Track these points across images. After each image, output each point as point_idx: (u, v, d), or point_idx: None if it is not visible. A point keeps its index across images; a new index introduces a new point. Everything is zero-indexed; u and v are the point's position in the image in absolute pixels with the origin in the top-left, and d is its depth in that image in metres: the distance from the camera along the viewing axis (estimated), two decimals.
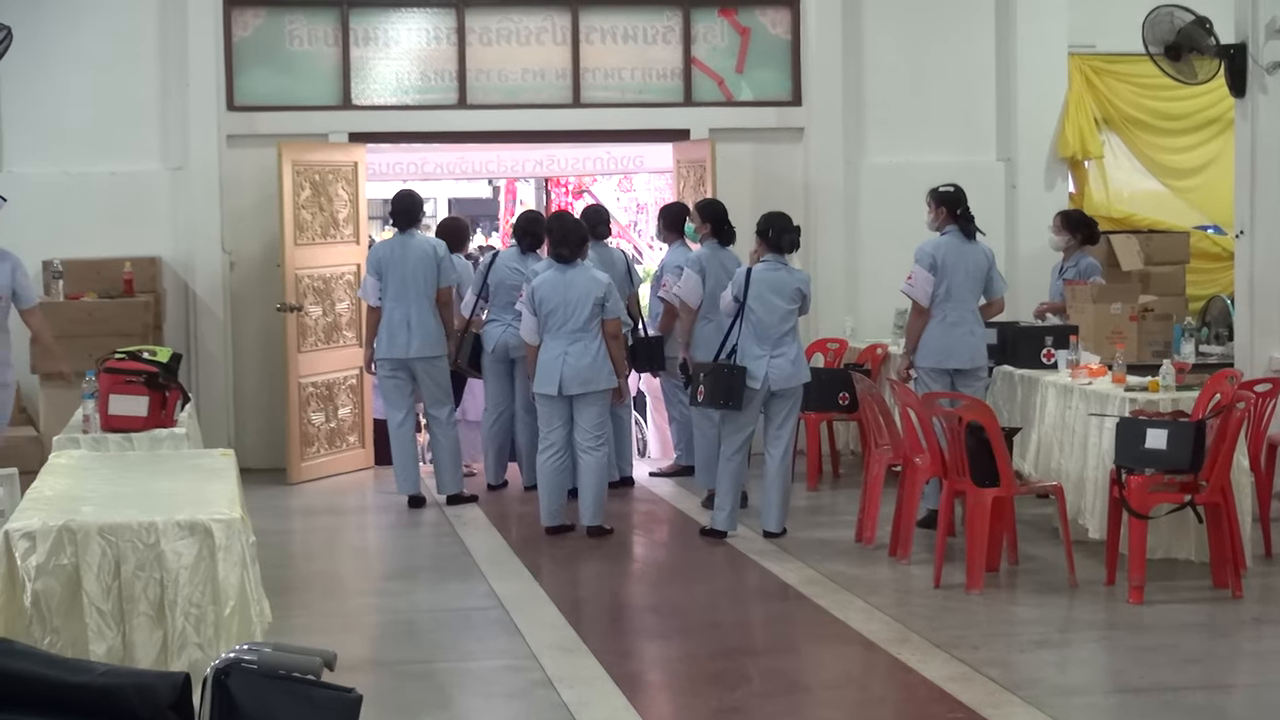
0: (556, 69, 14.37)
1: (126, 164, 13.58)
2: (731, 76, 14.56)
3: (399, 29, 14.18)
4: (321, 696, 3.79)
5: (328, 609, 9.43)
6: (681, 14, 14.44)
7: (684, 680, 8.13)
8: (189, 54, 13.58)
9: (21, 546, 6.13)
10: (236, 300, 13.78)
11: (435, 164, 16.47)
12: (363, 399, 13.86)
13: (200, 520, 6.24)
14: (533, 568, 10.28)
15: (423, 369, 12.12)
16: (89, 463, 7.78)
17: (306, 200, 13.32)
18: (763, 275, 10.70)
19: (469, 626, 9.04)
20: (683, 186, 14.29)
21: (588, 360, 10.98)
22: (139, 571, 6.20)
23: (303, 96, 14.06)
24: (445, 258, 12.11)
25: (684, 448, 13.18)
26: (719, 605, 9.60)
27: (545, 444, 11.22)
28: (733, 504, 10.89)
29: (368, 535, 11.97)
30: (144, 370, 8.85)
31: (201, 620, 6.22)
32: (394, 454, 12.31)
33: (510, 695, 7.76)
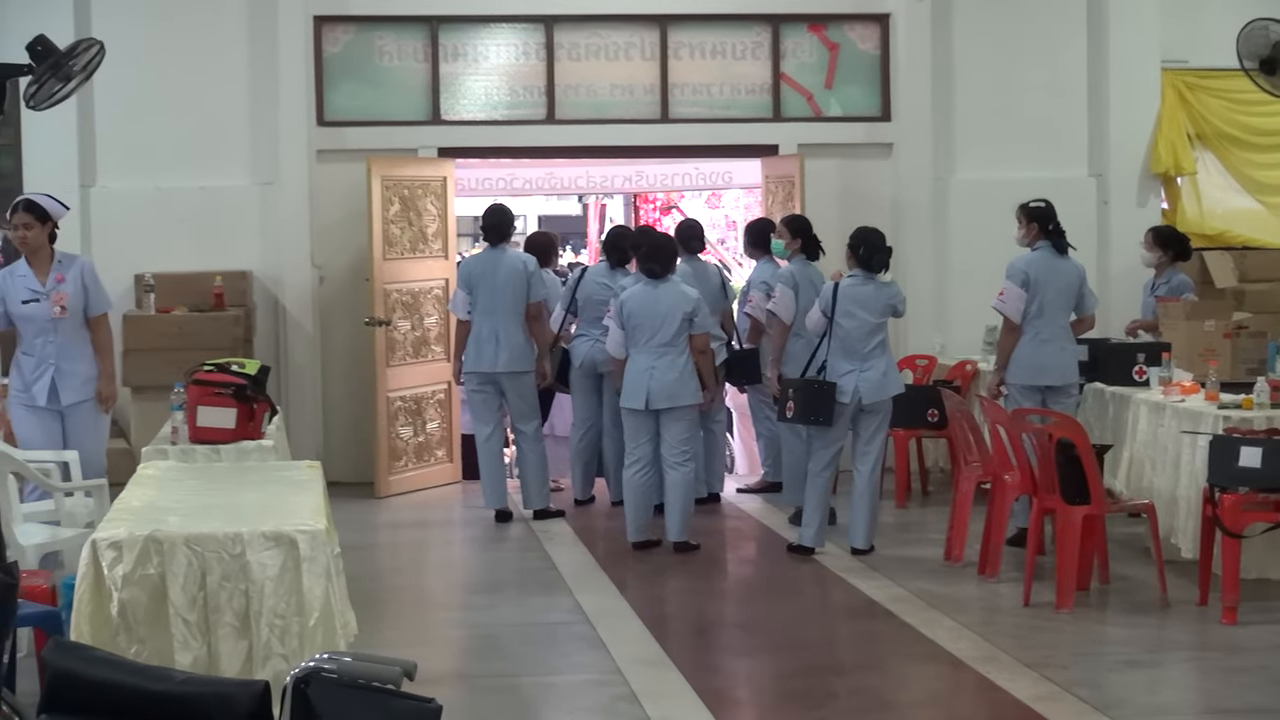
0: (645, 84, 14.35)
1: (217, 179, 13.66)
2: (820, 92, 14.50)
3: (488, 44, 14.20)
4: (401, 706, 3.79)
5: (414, 622, 9.42)
6: (770, 29, 14.40)
7: (770, 697, 8.08)
8: (279, 70, 13.65)
9: (108, 556, 6.17)
10: (325, 314, 13.83)
11: (524, 179, 16.50)
12: (450, 413, 13.88)
13: (285, 532, 6.26)
14: (619, 583, 10.25)
15: (510, 384, 12.13)
16: (176, 474, 7.81)
17: (395, 215, 13.36)
18: (850, 290, 10.63)
19: (554, 641, 9.01)
20: (771, 202, 14.24)
21: (675, 375, 10.95)
22: (224, 582, 6.22)
23: (392, 112, 14.10)
24: (535, 273, 12.11)
25: (771, 464, 13.12)
26: (805, 622, 9.53)
27: (632, 459, 11.20)
28: (820, 520, 10.81)
29: (454, 549, 11.96)
30: (232, 382, 8.90)
31: (286, 631, 6.23)
32: (481, 468, 12.31)
33: (595, 710, 7.73)
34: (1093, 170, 14.65)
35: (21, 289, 9.97)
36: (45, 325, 9.97)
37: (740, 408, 13.68)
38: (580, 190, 18.44)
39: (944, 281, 14.25)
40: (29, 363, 10.00)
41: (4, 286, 10.03)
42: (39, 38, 10.78)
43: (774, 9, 14.38)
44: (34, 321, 9.97)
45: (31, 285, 9.97)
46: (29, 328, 10.00)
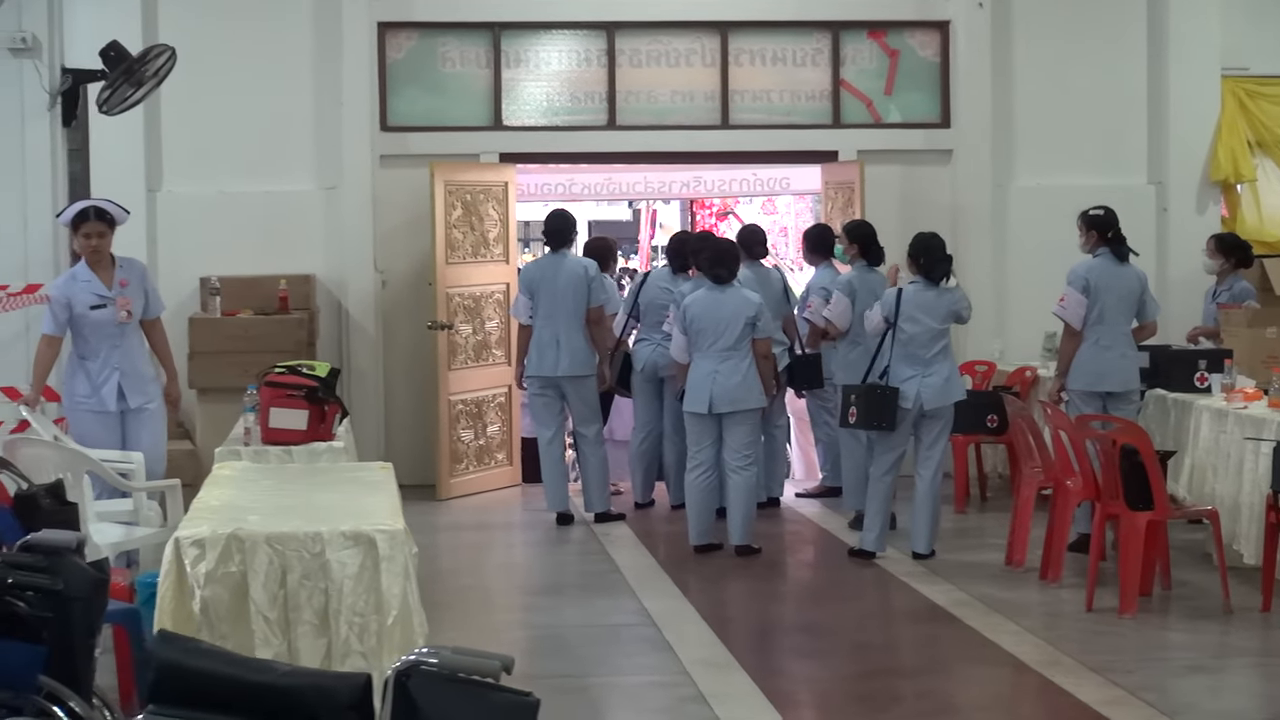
0: (705, 91, 14.42)
1: (282, 183, 13.77)
2: (880, 98, 14.54)
3: (550, 51, 14.29)
4: (499, 700, 3.86)
5: (478, 623, 9.51)
6: (830, 36, 14.45)
7: (836, 699, 8.13)
8: (343, 75, 13.77)
9: (191, 554, 6.24)
10: (388, 318, 13.93)
11: (582, 185, 16.56)
12: (511, 417, 13.97)
13: (364, 531, 6.32)
14: (682, 585, 10.31)
15: (571, 387, 12.22)
16: (251, 474, 7.89)
17: (458, 219, 13.46)
18: (913, 296, 10.68)
19: (619, 642, 9.10)
20: (830, 208, 14.28)
21: (737, 379, 11.01)
22: (304, 580, 6.29)
23: (454, 117, 14.20)
24: (596, 278, 12.20)
25: (830, 469, 13.17)
26: (868, 626, 9.59)
27: (694, 462, 11.27)
28: (882, 525, 10.86)
29: (516, 551, 12.05)
30: (304, 385, 8.99)
31: (365, 630, 6.29)
32: (543, 471, 12.40)
33: (663, 711, 7.80)
34: (1152, 177, 14.66)
35: (88, 294, 10.05)
36: (111, 330, 10.07)
37: (798, 413, 13.73)
38: (639, 196, 18.48)
39: (1003, 287, 14.27)
40: (93, 367, 10.07)
41: (69, 291, 10.09)
42: (112, 44, 10.97)
43: (834, 16, 14.43)
44: (100, 327, 10.06)
45: (98, 290, 10.06)
46: (95, 333, 10.07)
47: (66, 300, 10.04)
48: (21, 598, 4.62)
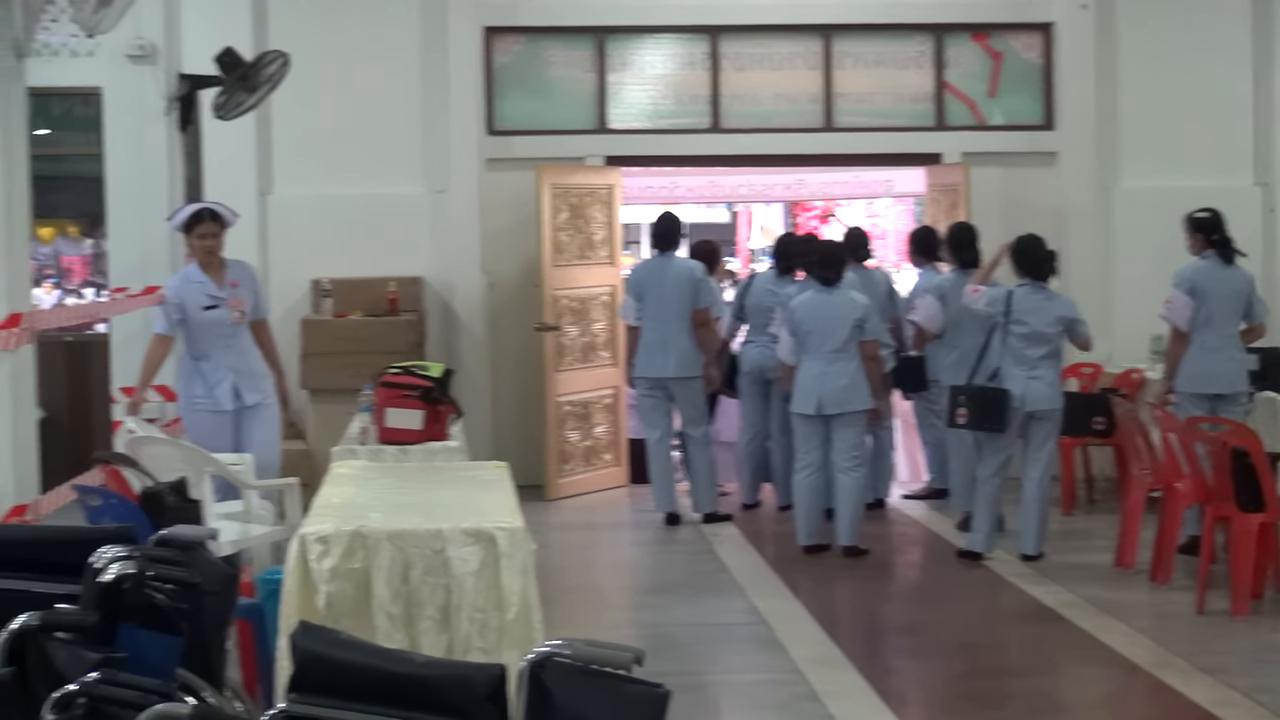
0: (809, 94, 14.43)
1: (391, 187, 13.89)
2: (984, 101, 14.52)
3: (654, 55, 14.35)
4: (631, 691, 3.90)
5: (590, 621, 9.55)
6: (934, 39, 14.44)
7: (947, 698, 8.16)
8: (451, 80, 13.88)
9: (315, 550, 6.33)
10: (495, 320, 14.02)
11: (685, 187, 16.65)
12: (618, 418, 14.03)
13: (485, 528, 6.39)
14: (791, 585, 10.35)
15: (678, 388, 12.27)
16: (370, 472, 7.98)
17: (564, 222, 13.54)
18: (1024, 298, 10.67)
19: (731, 641, 9.14)
20: (934, 211, 14.27)
21: (845, 381, 11.03)
22: (426, 577, 6.36)
23: (560, 121, 14.28)
24: (702, 279, 12.24)
25: (936, 471, 13.16)
26: (978, 626, 9.59)
27: (802, 463, 11.29)
28: (990, 526, 10.85)
29: (624, 551, 12.09)
30: (419, 385, 9.08)
31: (485, 626, 6.35)
32: (651, 472, 12.48)
33: (778, 708, 7.84)
34: (1258, 178, 14.55)
35: (201, 295, 10.16)
36: (224, 330, 10.18)
37: (903, 415, 13.72)
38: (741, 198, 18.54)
39: (1109, 290, 14.19)
40: (207, 368, 10.18)
41: (181, 292, 10.20)
42: (227, 50, 11.12)
43: (937, 19, 14.41)
44: (213, 327, 10.16)
45: (210, 291, 10.17)
46: (207, 333, 10.18)
47: (179, 301, 10.16)
48: (160, 590, 4.70)
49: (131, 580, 4.63)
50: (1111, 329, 13.97)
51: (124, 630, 4.61)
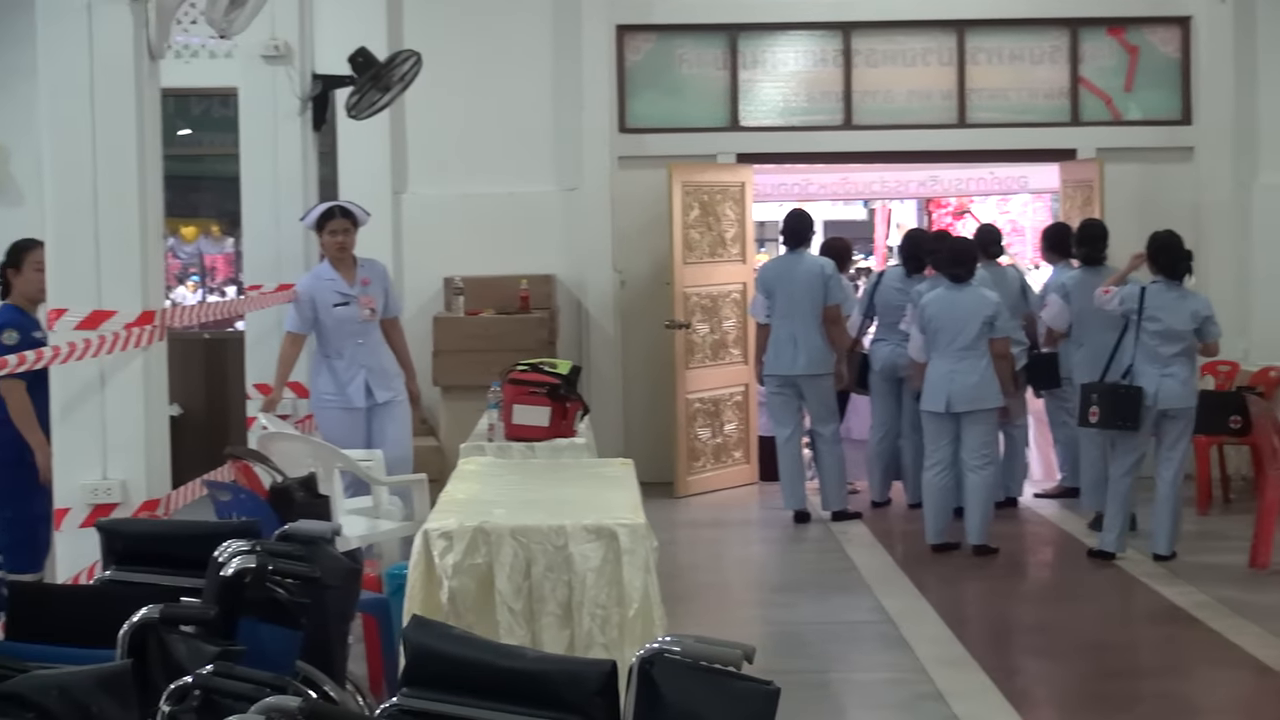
0: (942, 90, 14.36)
1: (523, 185, 13.96)
2: (1119, 95, 14.36)
3: (786, 52, 14.33)
4: (740, 688, 3.91)
5: (716, 618, 9.57)
6: (1069, 34, 14.31)
7: (1074, 699, 8.09)
8: (583, 78, 13.93)
9: (439, 545, 6.39)
10: (626, 317, 14.06)
11: (818, 185, 16.60)
12: (748, 415, 14.02)
13: (606, 525, 6.41)
14: (919, 584, 10.30)
15: (808, 386, 12.25)
16: (495, 469, 8.03)
17: (695, 220, 13.55)
18: (1156, 295, 10.55)
19: (857, 639, 9.12)
20: (1069, 207, 14.14)
21: (975, 378, 10.97)
22: (548, 572, 6.39)
23: (691, 118, 14.30)
24: (833, 277, 12.21)
25: (1069, 469, 13.05)
26: (1107, 626, 9.50)
27: (931, 461, 11.24)
28: (1122, 525, 10.74)
29: (753, 548, 12.08)
30: (546, 382, 9.12)
31: (607, 622, 6.37)
32: (781, 469, 12.46)
33: (900, 707, 7.82)
34: None
35: (331, 293, 10.24)
36: (355, 328, 10.25)
37: (1036, 413, 13.61)
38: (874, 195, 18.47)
39: (1246, 287, 14.00)
40: (340, 365, 10.26)
41: (313, 290, 10.29)
42: (360, 50, 11.22)
43: (1072, 13, 14.28)
44: (344, 325, 10.24)
45: (341, 289, 10.24)
46: (338, 331, 10.26)
47: (310, 298, 10.25)
48: (281, 584, 4.77)
49: (252, 574, 4.71)
50: (1248, 326, 13.82)
51: (245, 624, 4.69)
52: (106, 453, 7.28)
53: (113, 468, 7.25)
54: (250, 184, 11.20)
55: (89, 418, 7.27)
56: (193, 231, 19.65)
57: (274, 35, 10.93)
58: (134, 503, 7.20)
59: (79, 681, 3.84)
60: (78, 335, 7.10)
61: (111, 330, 7.16)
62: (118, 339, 7.14)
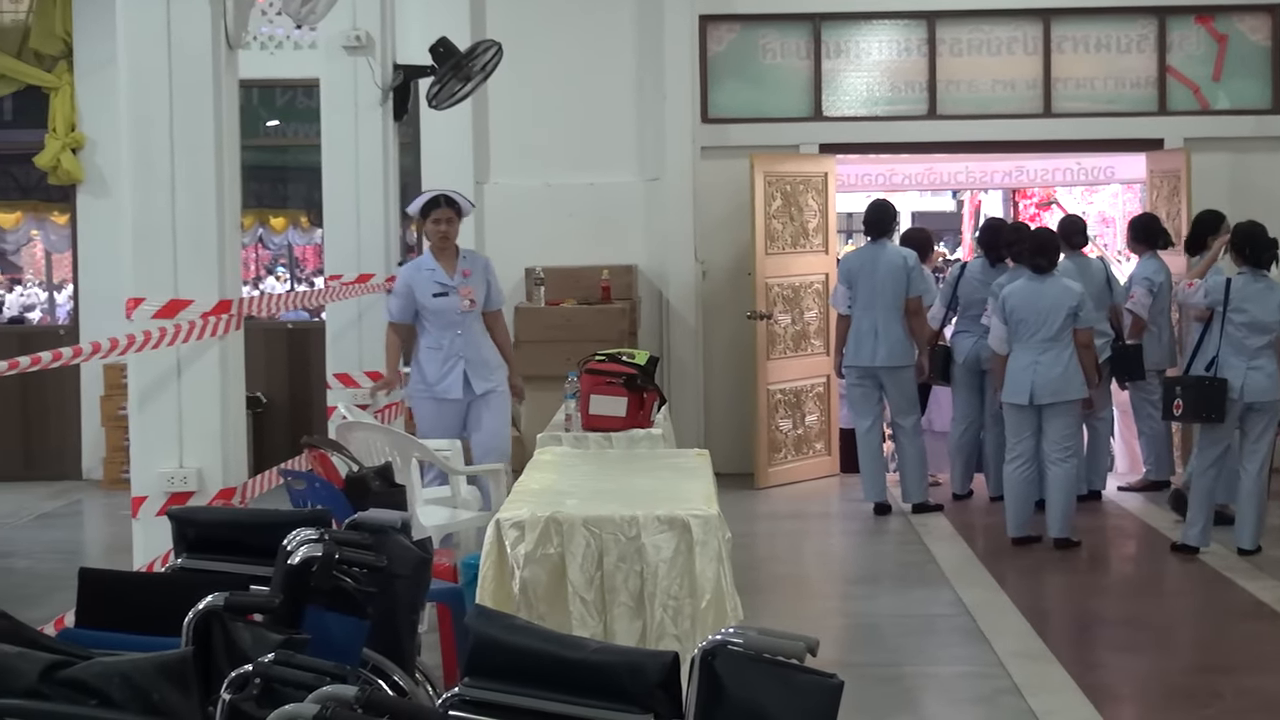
0: (1027, 79, 14.25)
1: (605, 175, 13.96)
2: (1207, 84, 14.21)
3: (870, 41, 14.27)
4: (803, 681, 3.88)
5: (794, 610, 9.56)
6: (1156, 22, 14.17)
7: (1154, 694, 8.01)
8: (665, 68, 13.91)
9: (511, 535, 6.40)
10: (707, 308, 14.04)
11: (903, 175, 16.51)
12: (829, 407, 13.97)
13: (679, 515, 6.40)
14: (998, 577, 10.23)
15: (889, 378, 12.19)
16: (571, 459, 8.04)
17: (777, 210, 13.51)
18: (1242, 286, 10.43)
19: (934, 632, 9.06)
20: (1155, 197, 14.01)
21: (1059, 370, 10.86)
22: (620, 563, 6.39)
23: (774, 109, 14.27)
24: (915, 268, 12.13)
25: (1154, 462, 12.94)
26: (1190, 621, 9.42)
27: (1013, 454, 11.15)
28: (1205, 519, 10.62)
29: (833, 540, 12.04)
30: (623, 372, 9.12)
31: (679, 613, 6.36)
32: (861, 461, 12.40)
33: (977, 701, 7.76)
34: None
35: (430, 283, 10.13)
36: (454, 319, 10.13)
37: (1122, 405, 13.49)
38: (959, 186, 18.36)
39: None
40: (437, 356, 10.13)
41: (412, 279, 10.22)
42: (441, 40, 11.24)
43: (1160, 1, 14.14)
44: (443, 315, 10.13)
45: (440, 279, 10.13)
46: (437, 321, 10.14)
47: (409, 288, 10.18)
48: (348, 573, 4.77)
49: (320, 563, 4.71)
50: None
51: (312, 612, 4.69)
52: (183, 441, 7.32)
53: (189, 456, 7.30)
54: (331, 174, 11.26)
55: (166, 406, 7.32)
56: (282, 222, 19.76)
57: (355, 25, 10.99)
58: (210, 491, 7.24)
59: (141, 669, 3.85)
60: (155, 324, 7.14)
61: (188, 319, 7.20)
62: (194, 328, 7.18)
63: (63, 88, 14.38)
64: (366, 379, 11.15)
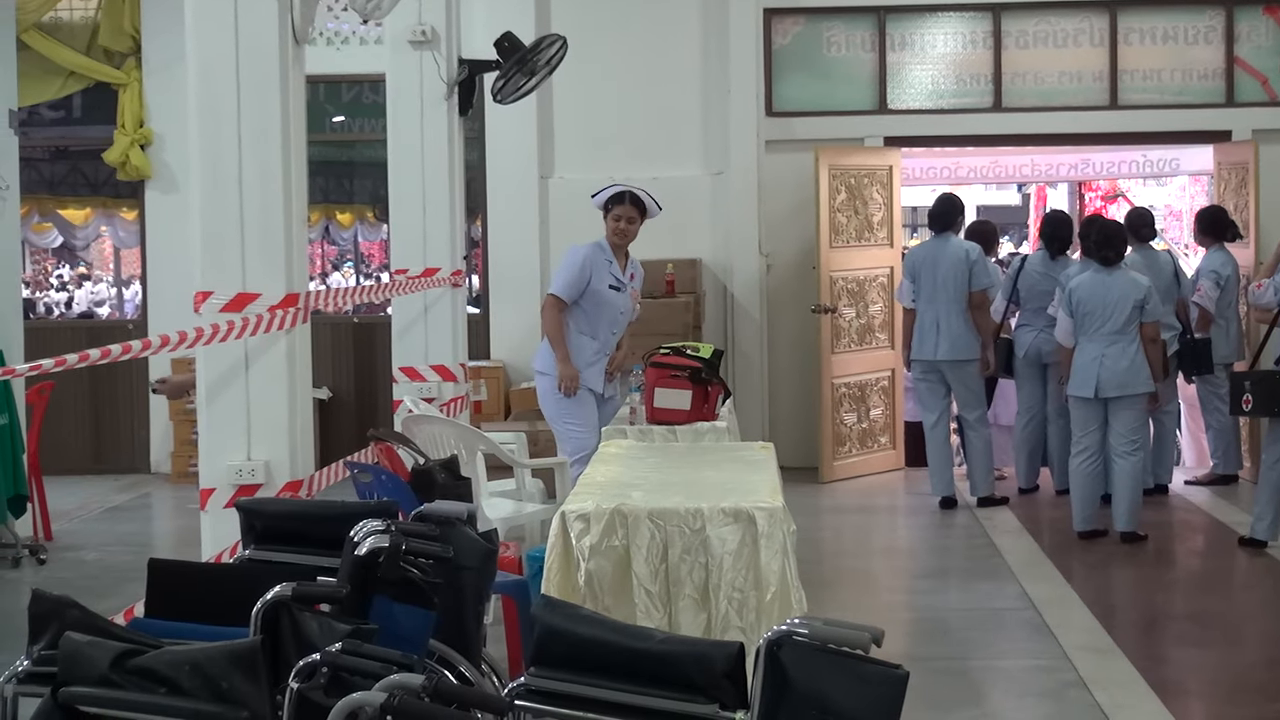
0: (1093, 71, 14.17)
1: (670, 169, 13.93)
2: (1276, 76, 14.08)
3: (935, 34, 14.22)
4: (869, 671, 3.89)
5: (861, 604, 9.53)
6: (1224, 13, 14.06)
7: (1222, 689, 7.97)
8: (730, 62, 13.90)
9: (576, 528, 6.41)
10: (772, 301, 14.02)
11: (968, 168, 16.47)
12: (894, 400, 13.95)
13: (744, 508, 6.39)
14: (1065, 571, 10.20)
15: (953, 372, 12.15)
16: (636, 452, 8.04)
17: (842, 204, 13.48)
18: None
19: (1000, 626, 9.03)
20: (1223, 189, 13.90)
21: (1125, 363, 10.81)
22: (685, 555, 6.38)
23: (839, 102, 14.23)
24: (979, 261, 12.08)
25: (1221, 456, 12.87)
26: (1258, 615, 9.37)
27: (1079, 447, 11.10)
28: (1274, 513, 10.54)
29: (899, 534, 12.02)
30: (688, 366, 9.12)
31: (744, 605, 6.35)
32: (929, 455, 12.37)
33: (1042, 695, 7.73)
34: None
35: (608, 274, 9.80)
36: (616, 315, 9.85)
37: (1189, 399, 13.42)
38: (1025, 179, 18.29)
39: None
40: (591, 345, 9.77)
41: (594, 262, 9.83)
42: (506, 34, 11.25)
43: None
44: (611, 308, 9.80)
45: (616, 273, 9.82)
46: (599, 313, 9.77)
47: (588, 268, 9.77)
48: (415, 564, 4.79)
49: (386, 554, 4.74)
50: None
51: (379, 603, 4.72)
52: (251, 434, 7.36)
53: (256, 449, 7.34)
54: (397, 169, 11.30)
55: (234, 399, 7.36)
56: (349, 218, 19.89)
57: (421, 21, 11.02)
58: (277, 483, 7.28)
59: (211, 658, 3.89)
60: (223, 318, 7.18)
61: (255, 312, 7.24)
62: (261, 321, 7.22)
63: (131, 84, 14.50)
64: (432, 372, 11.17)
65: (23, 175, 12.03)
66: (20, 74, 12.15)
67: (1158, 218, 15.92)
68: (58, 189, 17.68)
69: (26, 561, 10.93)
